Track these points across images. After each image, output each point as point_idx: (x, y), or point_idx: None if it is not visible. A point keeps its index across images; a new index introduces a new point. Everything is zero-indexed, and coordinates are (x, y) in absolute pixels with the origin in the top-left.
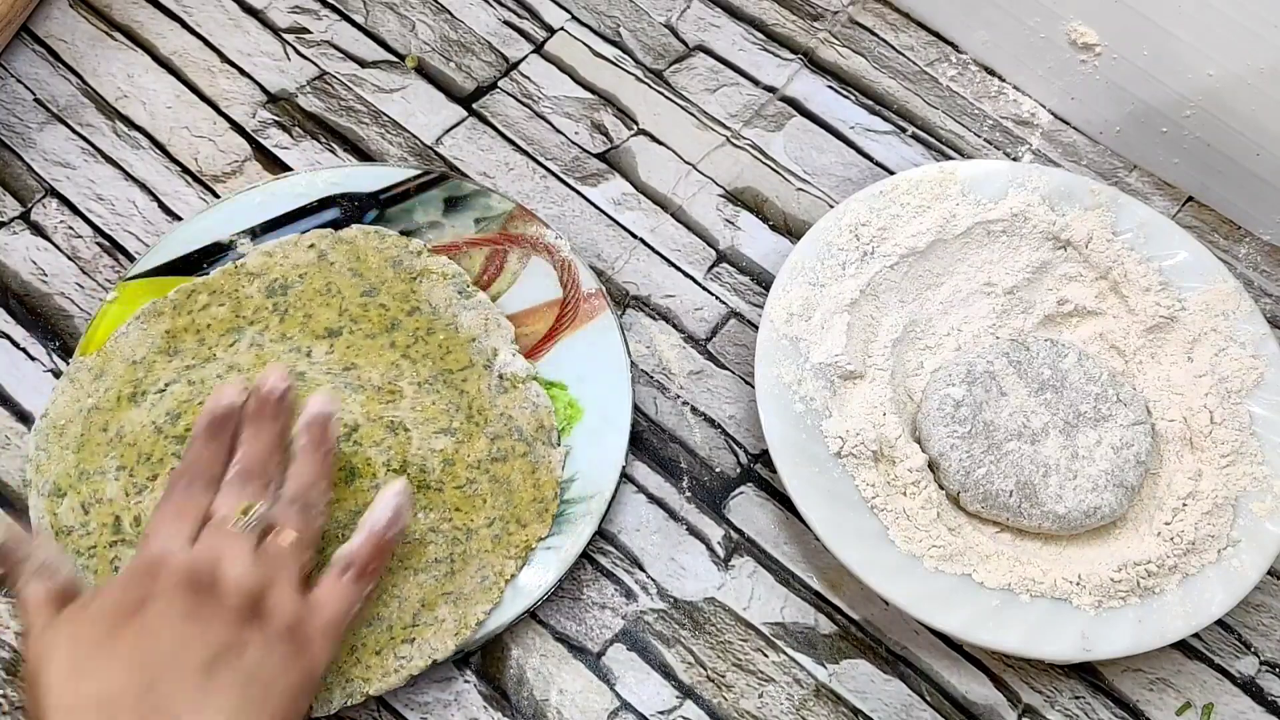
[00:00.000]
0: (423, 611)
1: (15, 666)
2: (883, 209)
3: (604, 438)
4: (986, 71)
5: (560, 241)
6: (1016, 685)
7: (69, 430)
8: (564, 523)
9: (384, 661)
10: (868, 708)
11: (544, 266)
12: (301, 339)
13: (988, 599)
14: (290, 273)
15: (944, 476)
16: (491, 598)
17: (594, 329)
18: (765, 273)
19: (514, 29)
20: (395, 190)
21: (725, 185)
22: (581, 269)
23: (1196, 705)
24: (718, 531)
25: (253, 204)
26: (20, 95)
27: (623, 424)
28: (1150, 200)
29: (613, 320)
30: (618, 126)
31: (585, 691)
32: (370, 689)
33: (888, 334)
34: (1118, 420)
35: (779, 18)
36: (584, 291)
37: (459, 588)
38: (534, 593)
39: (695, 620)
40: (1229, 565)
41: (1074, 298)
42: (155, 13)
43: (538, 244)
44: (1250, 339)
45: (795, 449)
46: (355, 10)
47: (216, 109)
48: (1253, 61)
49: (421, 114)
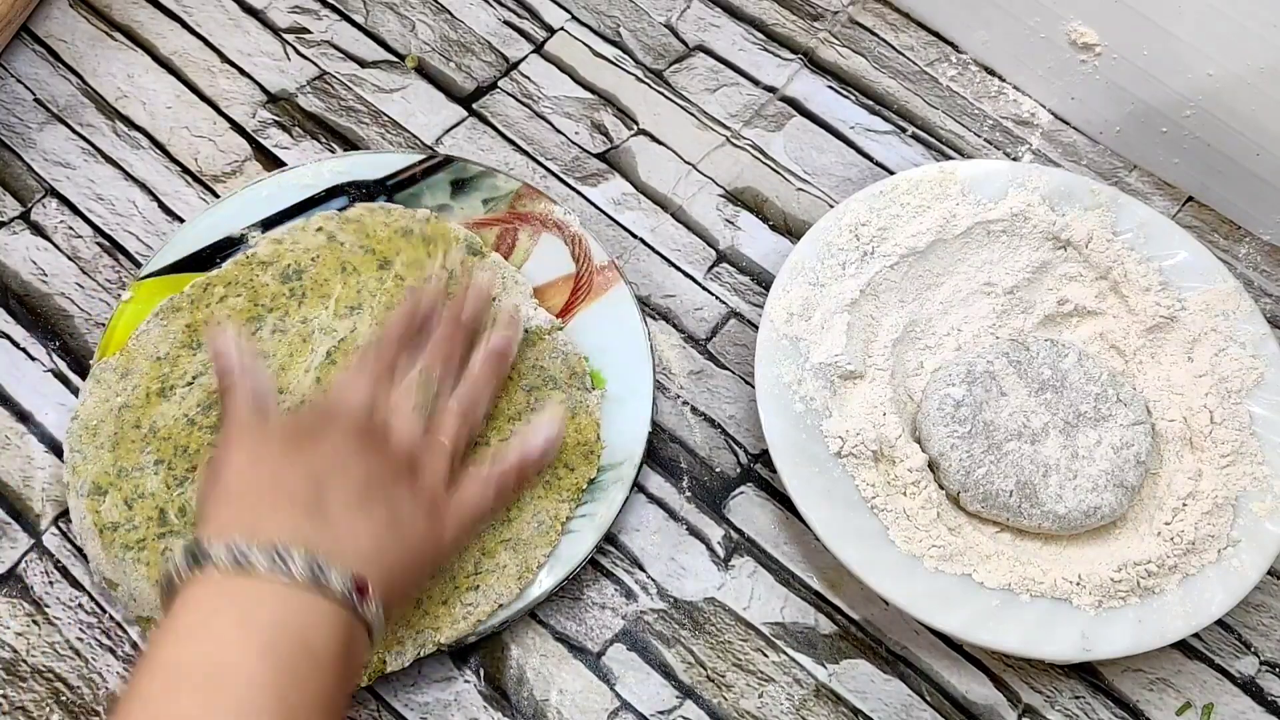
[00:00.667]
0: (484, 560)
1: (15, 666)
2: (883, 209)
3: (628, 405)
4: (986, 71)
5: (569, 217)
6: (1016, 685)
7: (102, 430)
8: (596, 490)
9: (451, 610)
10: (868, 708)
11: (555, 242)
12: (324, 320)
13: (988, 599)
14: (302, 257)
15: (944, 476)
16: (549, 540)
17: (609, 300)
18: (765, 273)
19: (514, 29)
20: (401, 176)
21: (725, 185)
22: (592, 242)
23: (1196, 705)
24: (718, 531)
25: (260, 197)
26: (20, 95)
27: (645, 390)
28: (1150, 200)
29: (626, 291)
30: (618, 126)
31: (585, 691)
32: (441, 638)
33: (888, 334)
34: (1118, 420)
35: (779, 18)
36: (596, 264)
37: (516, 534)
38: (542, 585)
39: (695, 620)
40: (1229, 565)
41: (1074, 298)
42: (155, 13)
43: (547, 220)
44: (1250, 339)
45: (795, 449)
46: (355, 10)
47: (216, 109)
48: (1253, 61)
49: (421, 114)
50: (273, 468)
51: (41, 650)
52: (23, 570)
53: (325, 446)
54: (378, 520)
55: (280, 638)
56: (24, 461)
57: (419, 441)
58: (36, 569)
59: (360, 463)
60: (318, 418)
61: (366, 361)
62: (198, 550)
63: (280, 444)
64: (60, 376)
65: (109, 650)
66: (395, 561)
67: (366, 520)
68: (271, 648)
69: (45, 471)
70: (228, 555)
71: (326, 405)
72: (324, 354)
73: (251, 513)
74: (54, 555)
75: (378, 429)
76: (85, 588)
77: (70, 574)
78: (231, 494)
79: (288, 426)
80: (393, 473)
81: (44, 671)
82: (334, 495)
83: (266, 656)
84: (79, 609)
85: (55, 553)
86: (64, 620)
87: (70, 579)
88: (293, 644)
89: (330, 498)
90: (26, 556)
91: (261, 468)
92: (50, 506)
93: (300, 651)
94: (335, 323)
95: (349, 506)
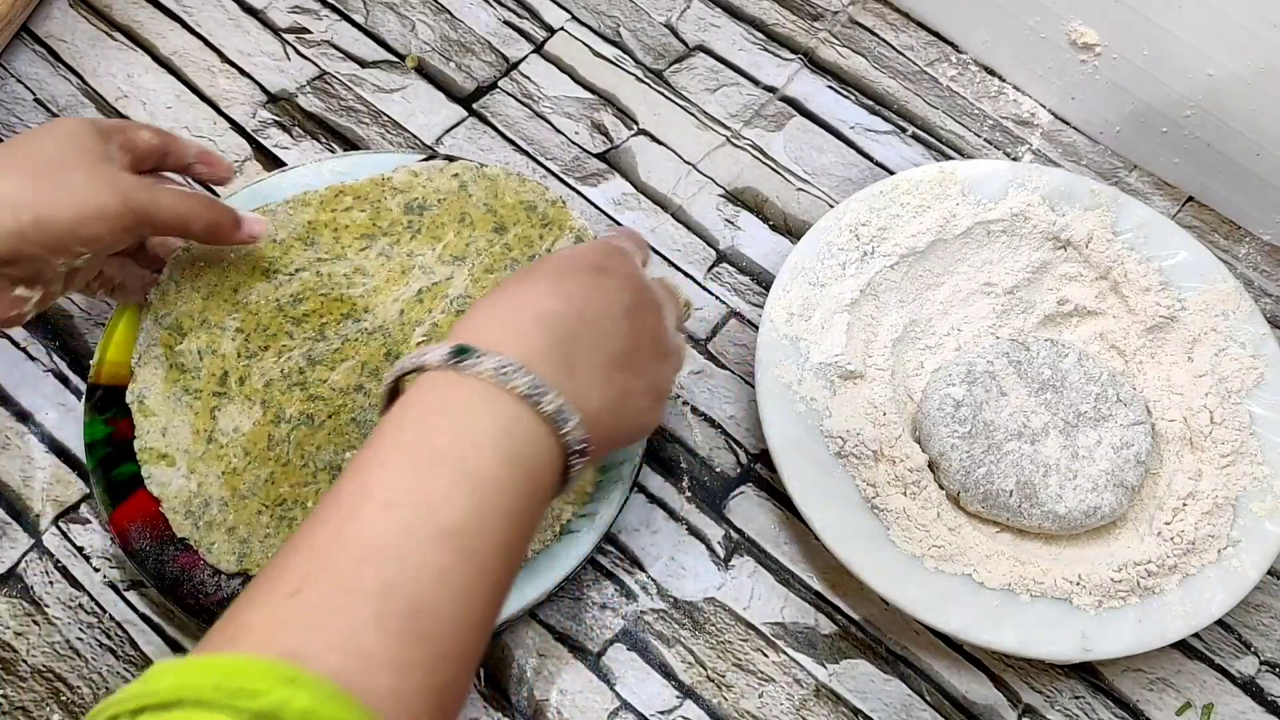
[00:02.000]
0: None
1: (15, 666)
2: (883, 209)
3: None
4: (986, 71)
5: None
6: (1016, 685)
7: (205, 274)
8: (597, 490)
9: None
10: (868, 708)
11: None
12: (429, 260)
13: (988, 599)
14: (431, 195)
15: (944, 476)
16: (544, 539)
17: None
18: (765, 273)
19: (514, 29)
20: None
21: (725, 185)
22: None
23: (1196, 705)
24: (718, 531)
25: (260, 198)
26: (20, 95)
27: None
28: (1150, 200)
29: None
30: (618, 126)
31: (585, 691)
32: None
33: (888, 334)
34: (1118, 420)
35: (779, 18)
36: None
37: None
38: (537, 589)
39: (695, 620)
40: (1229, 565)
41: (1074, 298)
42: (155, 13)
43: None
44: (1250, 339)
45: (795, 449)
46: (355, 10)
47: (216, 109)
48: (1253, 61)
49: (421, 114)
50: (557, 297)
51: (41, 650)
52: (23, 570)
53: (605, 283)
54: (615, 389)
55: (522, 458)
56: (24, 461)
57: (672, 328)
58: (36, 569)
59: (628, 323)
60: (607, 256)
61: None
62: (468, 350)
63: (574, 268)
64: (60, 376)
65: (109, 650)
66: (606, 435)
67: (605, 386)
68: (515, 461)
69: (45, 471)
70: (494, 368)
71: (614, 248)
72: (415, 291)
73: (517, 335)
74: (54, 555)
75: (648, 293)
76: (85, 588)
77: (70, 574)
78: (504, 313)
79: (583, 255)
80: (654, 341)
81: (44, 671)
82: (588, 348)
83: (513, 468)
84: (79, 609)
85: (55, 553)
86: (64, 620)
87: (70, 579)
88: (529, 470)
89: (584, 347)
90: (26, 556)
91: (549, 300)
92: (50, 506)
93: (532, 480)
94: (437, 266)
95: (598, 366)
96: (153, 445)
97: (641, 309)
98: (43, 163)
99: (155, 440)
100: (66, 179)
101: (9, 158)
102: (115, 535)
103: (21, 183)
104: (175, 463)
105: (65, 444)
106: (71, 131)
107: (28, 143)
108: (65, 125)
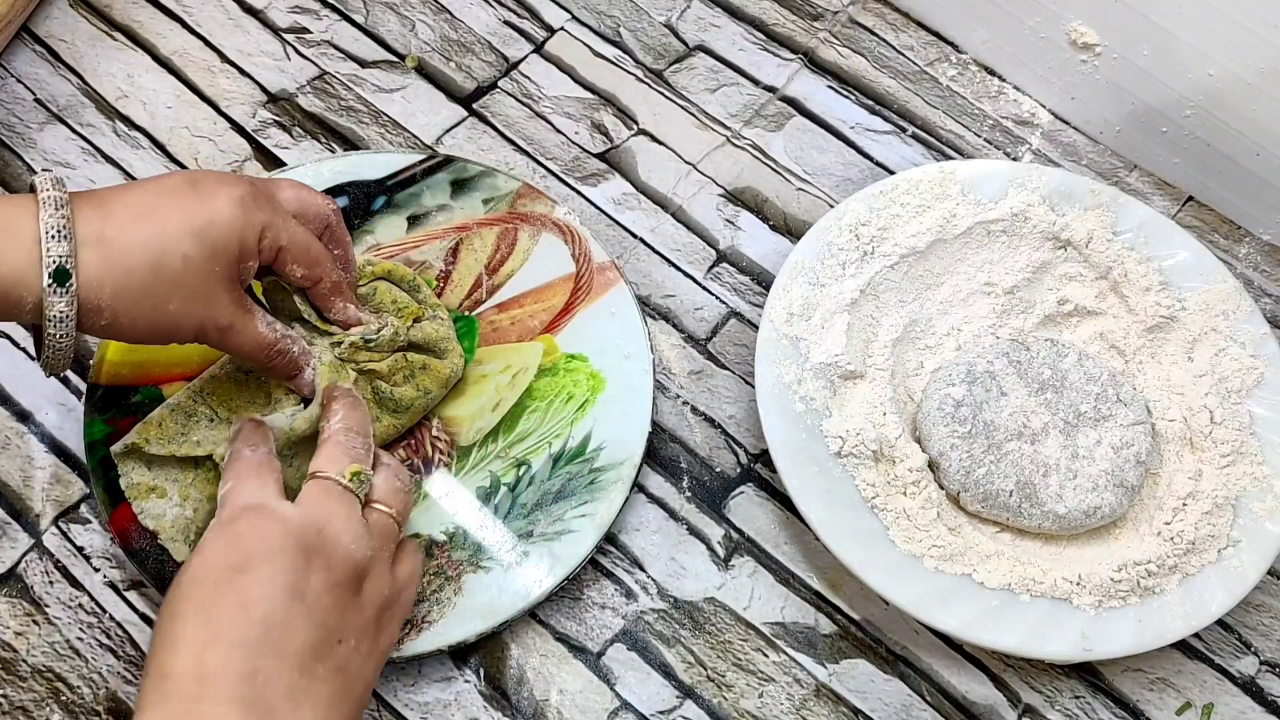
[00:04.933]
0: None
1: (15, 666)
2: (883, 209)
3: (628, 405)
4: (986, 71)
5: (569, 217)
6: (1016, 685)
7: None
8: (596, 490)
9: None
10: (868, 708)
11: (555, 242)
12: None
13: (988, 599)
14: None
15: (944, 476)
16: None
17: (610, 300)
18: (765, 273)
19: (514, 29)
20: (402, 176)
21: (725, 185)
22: (592, 242)
23: (1196, 705)
24: (718, 531)
25: None
26: (20, 95)
27: (645, 390)
28: (1150, 200)
29: (626, 290)
30: (618, 126)
31: (585, 691)
32: None
33: (888, 334)
34: (1118, 420)
35: (779, 18)
36: (596, 264)
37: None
38: (542, 585)
39: (695, 620)
40: (1229, 565)
41: (1074, 298)
42: (155, 13)
43: (546, 221)
44: (1250, 339)
45: (795, 449)
46: (355, 10)
47: (216, 109)
48: (1253, 61)
49: (421, 114)
50: (194, 647)
51: (41, 650)
52: (23, 570)
53: (256, 591)
54: (326, 685)
55: None
56: (24, 461)
57: (364, 548)
58: (36, 569)
59: (300, 613)
60: (241, 537)
61: (257, 446)
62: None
63: (207, 593)
64: (60, 376)
65: (109, 650)
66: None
67: (314, 690)
68: None
69: (45, 471)
70: None
71: (248, 512)
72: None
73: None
74: (54, 555)
75: (313, 541)
76: (85, 588)
77: (70, 574)
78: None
79: (211, 563)
80: (338, 611)
81: (44, 671)
82: (271, 677)
83: None
84: (79, 609)
85: (55, 553)
86: (64, 620)
87: (70, 579)
88: None
89: (267, 680)
90: (26, 556)
91: (179, 655)
92: (50, 506)
93: None
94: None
95: (292, 685)
96: (139, 480)
97: (305, 573)
98: (162, 266)
99: (141, 475)
100: (164, 298)
101: (154, 217)
102: (115, 535)
103: (128, 275)
104: (166, 493)
105: (65, 444)
106: (215, 242)
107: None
108: (221, 223)
